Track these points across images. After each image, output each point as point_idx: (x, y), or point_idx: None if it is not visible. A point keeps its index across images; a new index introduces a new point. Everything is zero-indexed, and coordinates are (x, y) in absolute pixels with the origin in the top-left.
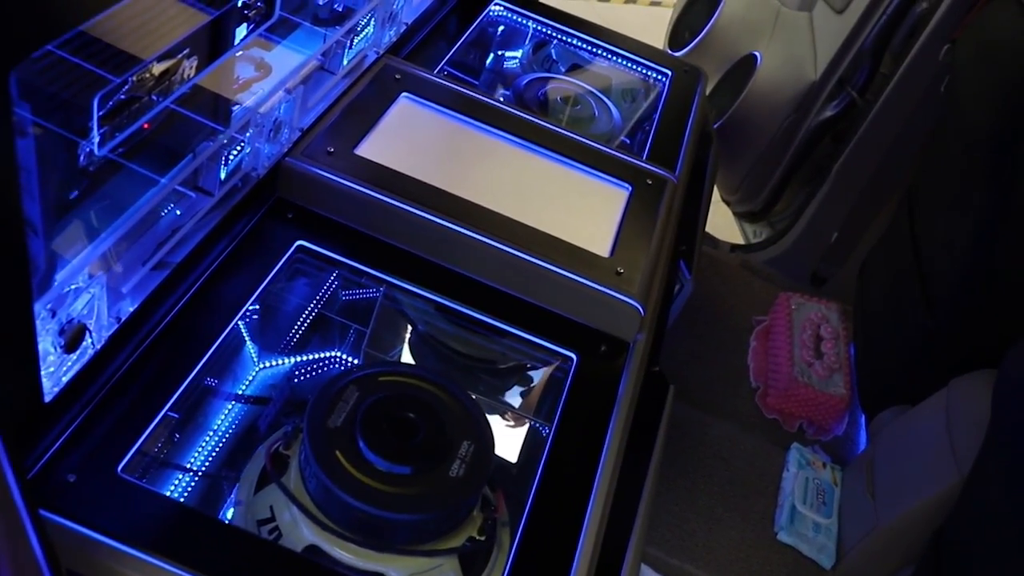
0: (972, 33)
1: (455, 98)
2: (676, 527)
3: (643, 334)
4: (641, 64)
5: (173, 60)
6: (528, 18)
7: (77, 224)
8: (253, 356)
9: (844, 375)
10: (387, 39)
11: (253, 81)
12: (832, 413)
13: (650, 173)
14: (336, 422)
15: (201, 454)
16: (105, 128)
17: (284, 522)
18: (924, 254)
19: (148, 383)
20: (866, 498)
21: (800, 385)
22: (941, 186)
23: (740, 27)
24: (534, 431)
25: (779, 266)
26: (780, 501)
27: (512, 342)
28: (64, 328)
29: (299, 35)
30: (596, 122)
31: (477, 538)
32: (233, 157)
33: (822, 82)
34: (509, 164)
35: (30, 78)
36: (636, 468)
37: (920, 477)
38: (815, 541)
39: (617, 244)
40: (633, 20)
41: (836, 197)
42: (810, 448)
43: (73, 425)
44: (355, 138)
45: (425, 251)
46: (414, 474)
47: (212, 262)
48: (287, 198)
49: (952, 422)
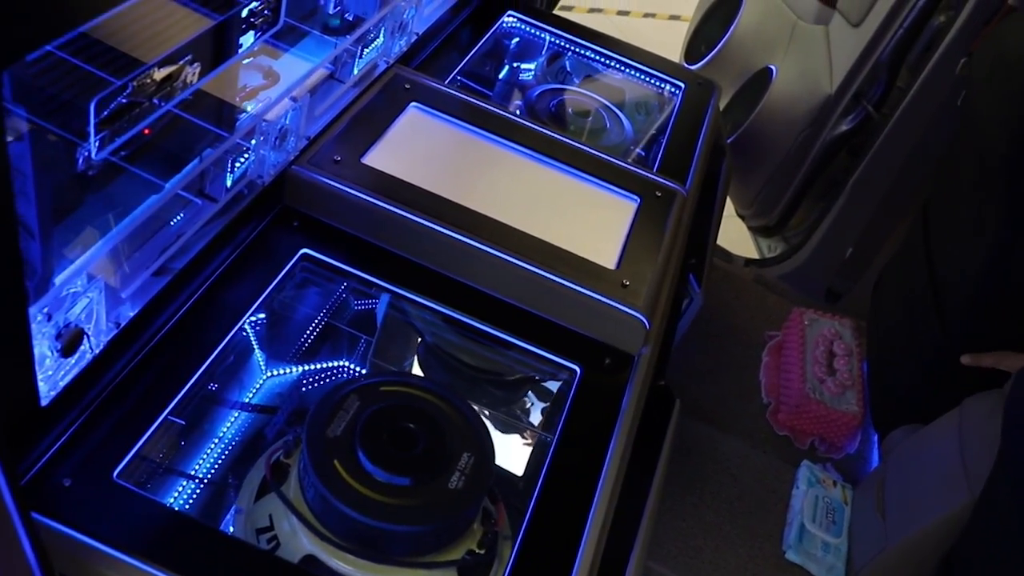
0: (989, 47)
1: (464, 108)
2: (683, 543)
3: (648, 347)
4: (654, 76)
5: (175, 66)
6: (542, 30)
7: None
8: (261, 364)
9: (857, 392)
10: (397, 49)
11: (261, 89)
12: (844, 431)
13: (659, 185)
14: (336, 431)
15: (205, 462)
16: (104, 132)
17: (283, 531)
18: (938, 271)
19: (147, 389)
20: (876, 518)
21: (812, 402)
22: (956, 201)
23: (756, 40)
24: (541, 445)
25: (793, 281)
26: (789, 519)
27: (516, 354)
28: (61, 332)
29: (308, 44)
30: (607, 134)
31: (477, 551)
32: (239, 165)
33: (838, 96)
34: (516, 175)
35: (28, 79)
36: (639, 482)
37: (932, 497)
38: (824, 561)
39: (624, 256)
40: (652, 34)
41: (851, 212)
42: (820, 466)
43: (70, 430)
44: (362, 147)
45: (430, 261)
46: (413, 485)
47: (216, 269)
48: (293, 206)
49: (965, 442)
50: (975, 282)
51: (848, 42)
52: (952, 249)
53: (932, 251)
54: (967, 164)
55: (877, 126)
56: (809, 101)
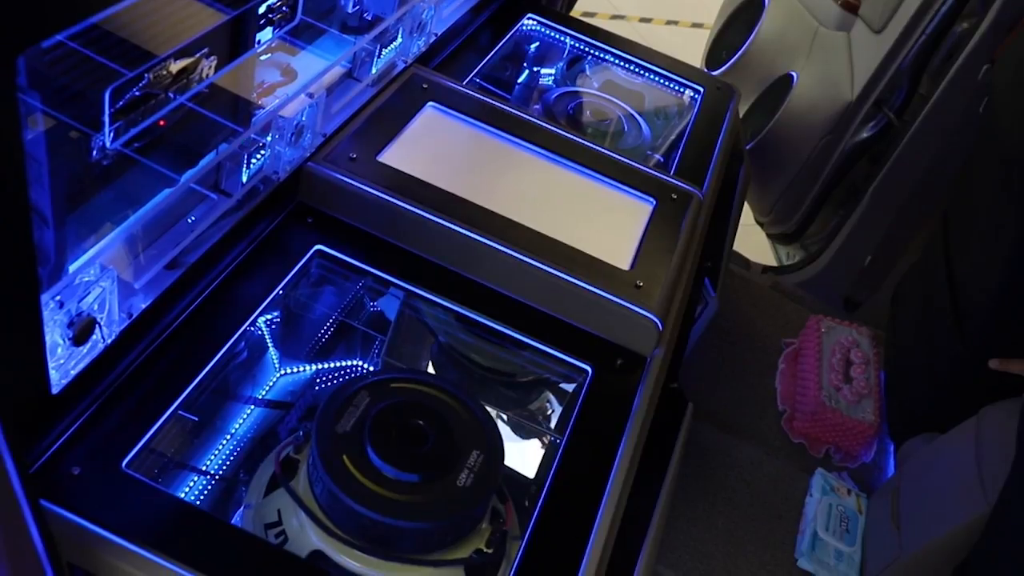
0: (1012, 53)
1: (481, 109)
2: (694, 549)
3: (661, 349)
4: (673, 80)
5: (191, 59)
6: (562, 33)
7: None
8: (275, 362)
9: (874, 401)
10: (416, 49)
11: (278, 85)
12: (860, 439)
13: (676, 188)
14: (345, 427)
15: (217, 457)
16: (119, 123)
17: (291, 527)
18: (957, 280)
19: (158, 380)
20: (891, 527)
21: (828, 410)
22: (976, 210)
23: (777, 47)
24: (554, 446)
25: (811, 289)
26: (802, 527)
27: (529, 353)
28: (73, 321)
29: (327, 42)
30: (626, 138)
31: (485, 550)
32: (255, 161)
33: (859, 103)
34: (531, 175)
35: (44, 67)
36: (649, 485)
37: (947, 507)
38: (836, 569)
39: (638, 258)
40: (674, 41)
41: (871, 220)
42: (835, 474)
43: (81, 419)
44: (378, 145)
45: (444, 259)
46: (421, 482)
47: (229, 263)
48: (307, 202)
49: (981, 451)
50: (994, 291)
51: (870, 49)
52: (972, 257)
53: (952, 259)
54: (988, 172)
55: (898, 133)
56: (830, 108)
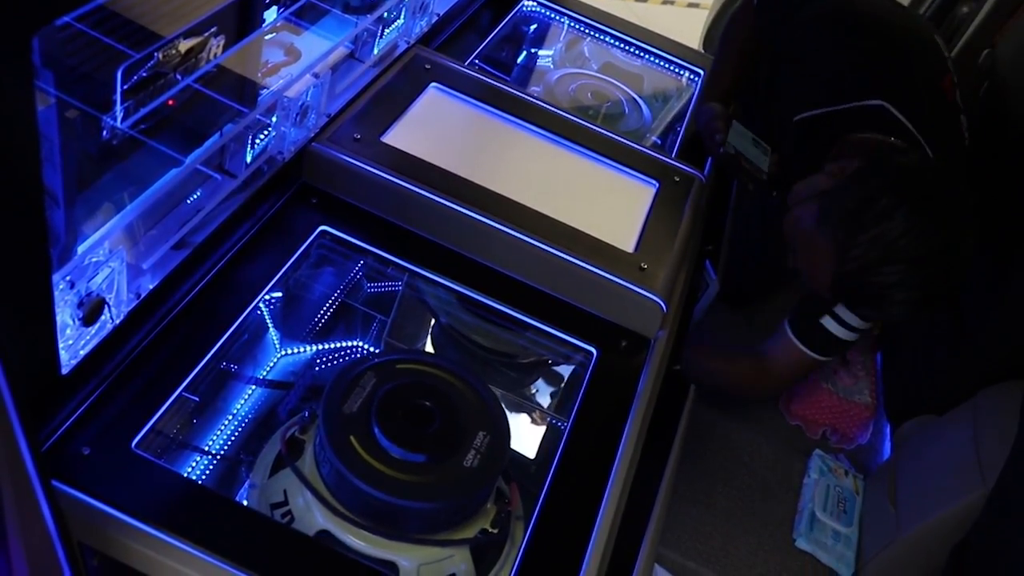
0: (1013, 38)
1: (484, 90)
2: (693, 530)
3: (665, 331)
4: (673, 63)
5: (199, 38)
6: (561, 14)
7: (99, 197)
8: (275, 342)
9: (870, 383)
10: (418, 29)
11: (282, 65)
12: (856, 421)
13: (678, 170)
14: (352, 408)
15: (220, 437)
16: (129, 102)
17: (297, 506)
18: None
19: (166, 361)
20: (888, 508)
21: (824, 392)
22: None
23: None
24: (554, 427)
25: None
26: (800, 507)
27: (533, 335)
28: (83, 301)
29: (330, 22)
30: (626, 119)
31: (490, 531)
32: (260, 141)
33: None
34: (535, 157)
35: (55, 48)
36: (653, 466)
37: (944, 488)
38: (834, 550)
39: (642, 240)
40: (669, 21)
41: None
42: (832, 456)
43: (90, 399)
44: (382, 126)
45: (448, 240)
46: (428, 463)
47: (234, 244)
48: (312, 183)
49: (979, 433)
50: (992, 272)
51: None
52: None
53: None
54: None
55: None
56: None
